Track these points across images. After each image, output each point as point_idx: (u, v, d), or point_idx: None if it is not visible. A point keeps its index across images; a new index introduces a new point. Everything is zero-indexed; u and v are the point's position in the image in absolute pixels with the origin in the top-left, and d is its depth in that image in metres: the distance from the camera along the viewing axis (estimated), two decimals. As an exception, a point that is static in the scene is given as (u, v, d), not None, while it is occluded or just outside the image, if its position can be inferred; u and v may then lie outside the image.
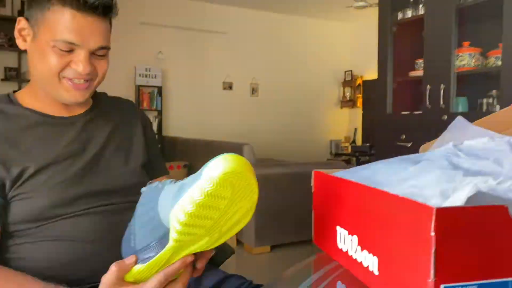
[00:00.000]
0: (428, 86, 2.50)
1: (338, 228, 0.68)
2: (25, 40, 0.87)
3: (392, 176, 0.61)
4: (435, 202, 0.47)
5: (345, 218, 0.65)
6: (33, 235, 0.82)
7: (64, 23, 0.81)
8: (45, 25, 0.83)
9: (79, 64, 0.84)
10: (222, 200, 0.60)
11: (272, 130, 6.14)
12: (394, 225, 0.52)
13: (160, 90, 5.20)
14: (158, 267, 0.64)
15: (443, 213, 0.44)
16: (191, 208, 0.58)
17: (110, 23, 0.91)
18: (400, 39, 2.76)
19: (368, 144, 5.55)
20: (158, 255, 0.62)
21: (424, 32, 2.58)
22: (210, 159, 0.65)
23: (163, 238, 0.62)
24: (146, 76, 5.13)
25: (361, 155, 5.45)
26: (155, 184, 0.69)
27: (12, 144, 0.85)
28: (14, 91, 0.95)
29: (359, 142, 6.35)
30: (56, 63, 0.83)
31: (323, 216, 0.75)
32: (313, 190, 0.78)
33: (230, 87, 5.88)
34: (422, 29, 2.60)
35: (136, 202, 0.92)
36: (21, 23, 0.87)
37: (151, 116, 5.10)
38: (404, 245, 0.50)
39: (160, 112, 5.18)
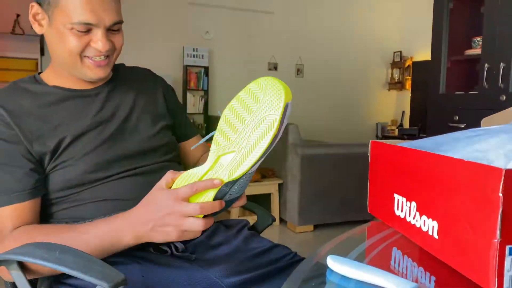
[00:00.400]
0: (486, 65, 2.38)
1: (395, 195, 0.68)
2: (41, 25, 0.89)
3: (455, 143, 0.60)
4: (499, 163, 0.47)
5: (403, 186, 0.66)
6: (76, 199, 0.88)
7: (78, 4, 0.83)
8: (59, 9, 0.84)
9: (98, 43, 0.86)
10: (249, 101, 0.68)
11: (317, 111, 6.09)
12: (457, 189, 0.52)
13: (206, 70, 5.28)
14: (192, 179, 0.72)
15: (511, 174, 0.44)
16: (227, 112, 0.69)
17: None
18: (456, 16, 2.64)
19: (416, 128, 5.39)
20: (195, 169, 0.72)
21: (483, 8, 2.45)
22: None
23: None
24: (193, 56, 5.21)
25: (409, 138, 5.31)
26: None
27: (44, 120, 0.89)
28: (39, 73, 0.99)
29: (406, 125, 6.17)
30: (76, 44, 0.86)
31: (379, 185, 0.76)
32: (369, 160, 0.79)
33: (275, 68, 5.86)
34: (481, 5, 2.47)
35: (167, 161, 0.99)
36: (34, 8, 0.88)
37: (198, 95, 5.20)
38: (467, 207, 0.50)
39: (206, 92, 5.26)
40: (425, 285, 0.53)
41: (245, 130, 0.67)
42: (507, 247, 0.45)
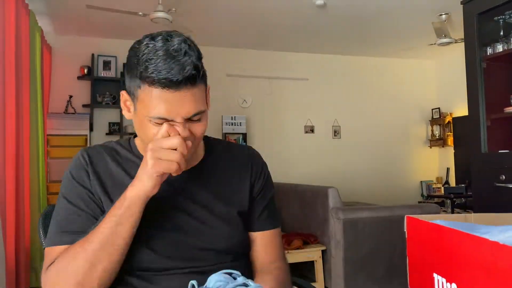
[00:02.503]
0: (528, 122, 2.32)
1: (435, 275, 0.67)
2: (130, 111, 0.92)
3: (492, 228, 0.60)
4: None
5: (442, 265, 0.65)
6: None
7: (154, 101, 0.83)
8: (140, 102, 0.86)
9: None
10: None
11: (357, 172, 6.02)
12: (494, 272, 0.51)
13: (244, 136, 5.43)
14: None
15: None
16: None
17: (205, 82, 0.90)
18: (491, 75, 2.63)
19: (463, 185, 5.18)
20: None
21: (518, 66, 2.43)
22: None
23: None
24: (231, 124, 5.40)
25: (456, 197, 5.10)
26: None
27: (119, 185, 0.92)
28: (134, 136, 1.03)
29: (452, 183, 5.95)
30: (154, 132, 0.86)
31: (418, 263, 0.74)
32: (406, 236, 0.78)
33: (312, 130, 5.94)
34: (515, 63, 2.46)
35: (222, 266, 0.92)
36: (124, 96, 0.92)
37: (237, 162, 5.30)
38: (508, 293, 0.49)
39: (245, 158, 5.36)
40: None
41: None
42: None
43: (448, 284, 0.63)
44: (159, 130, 0.83)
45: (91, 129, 4.92)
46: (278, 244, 1.07)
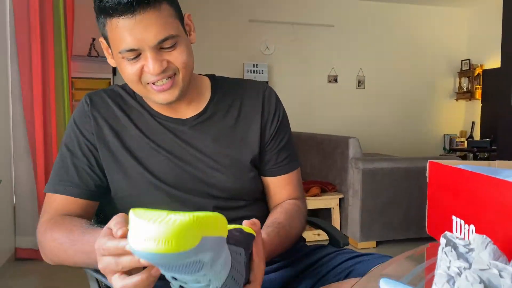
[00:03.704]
0: None
1: (454, 217, 0.68)
2: (112, 58, 0.89)
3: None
4: None
5: (462, 208, 0.65)
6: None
7: (117, 33, 0.80)
8: (110, 40, 0.84)
9: (149, 66, 0.81)
10: None
11: (380, 123, 5.95)
12: (516, 214, 0.51)
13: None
14: None
15: None
16: None
17: (171, 3, 0.84)
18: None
19: (488, 139, 5.08)
20: None
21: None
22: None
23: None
24: (253, 72, 5.34)
25: (479, 151, 5.02)
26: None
27: (123, 137, 0.94)
28: None
29: (477, 137, 5.84)
30: (131, 72, 0.84)
31: (438, 206, 0.75)
32: (427, 180, 0.78)
33: (335, 80, 5.83)
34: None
35: (235, 208, 0.95)
36: (103, 43, 0.90)
37: (258, 110, 5.29)
38: (527, 234, 0.49)
39: (266, 106, 5.35)
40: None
41: None
42: None
43: (467, 225, 0.63)
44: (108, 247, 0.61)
45: (114, 73, 4.94)
46: (295, 185, 1.03)
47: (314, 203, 3.27)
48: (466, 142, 5.77)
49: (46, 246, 0.86)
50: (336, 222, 3.35)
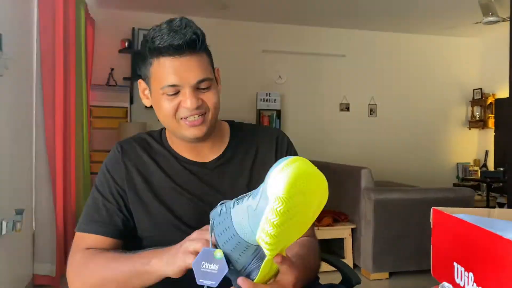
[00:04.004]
0: None
1: (455, 264, 0.72)
2: (148, 98, 1.01)
3: (510, 224, 0.64)
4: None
5: (462, 256, 0.70)
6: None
7: (164, 71, 0.92)
8: (153, 79, 0.95)
9: (186, 101, 0.92)
10: (296, 207, 0.65)
11: (392, 151, 5.96)
12: (507, 266, 0.56)
13: (279, 113, 5.47)
14: (264, 277, 0.74)
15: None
16: (273, 230, 0.65)
17: (209, 55, 0.98)
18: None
19: (501, 169, 5.06)
20: (260, 269, 0.72)
21: None
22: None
23: (258, 253, 0.73)
24: (266, 100, 5.44)
25: (492, 181, 4.99)
26: (218, 209, 0.77)
27: (150, 172, 1.03)
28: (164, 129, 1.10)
29: (490, 166, 5.81)
30: (168, 106, 0.94)
31: (441, 251, 0.80)
32: (432, 226, 0.83)
33: (347, 108, 5.89)
34: None
35: None
36: (141, 84, 1.02)
37: (271, 137, 5.36)
38: (518, 286, 0.54)
39: (279, 134, 5.42)
40: None
41: None
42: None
43: (466, 272, 0.68)
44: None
45: (131, 101, 5.09)
46: None
47: (327, 233, 3.29)
48: (479, 171, 5.74)
49: (84, 272, 0.93)
50: (348, 252, 3.35)
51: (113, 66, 5.07)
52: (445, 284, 0.54)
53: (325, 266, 2.97)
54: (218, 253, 0.73)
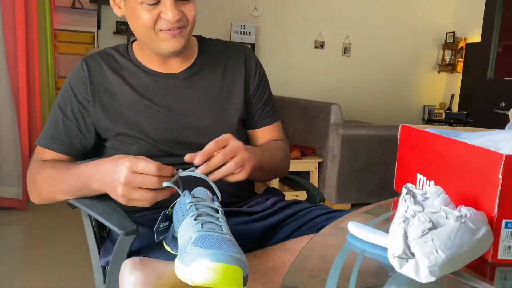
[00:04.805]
0: (538, 52, 2.32)
1: (418, 175, 0.76)
2: (120, 7, 0.97)
3: (473, 133, 0.67)
4: (504, 151, 0.54)
5: (425, 166, 0.74)
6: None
7: None
8: None
9: (168, 13, 0.89)
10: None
11: (362, 91, 6.03)
12: (467, 170, 0.59)
13: (253, 47, 5.35)
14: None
15: (510, 159, 0.51)
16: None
17: None
18: (510, 1, 2.55)
19: (465, 112, 5.24)
20: None
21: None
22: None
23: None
24: (240, 33, 5.29)
25: (455, 122, 5.18)
26: (178, 206, 0.75)
27: (117, 98, 1.01)
28: (133, 41, 1.08)
29: (455, 109, 6.00)
30: (148, 17, 0.90)
31: (405, 165, 0.83)
32: (398, 142, 0.86)
33: (322, 46, 5.83)
34: (539, -12, 2.38)
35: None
36: None
37: (243, 72, 5.29)
38: (474, 187, 0.58)
39: (252, 69, 5.34)
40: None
41: None
42: (503, 221, 0.53)
43: (428, 181, 0.72)
44: (137, 164, 0.76)
45: (98, 27, 4.84)
46: (278, 133, 1.16)
47: (294, 165, 3.37)
48: (444, 113, 5.92)
49: (37, 181, 0.96)
50: (314, 184, 3.47)
51: (79, -13, 4.74)
52: (408, 185, 0.57)
53: (290, 196, 3.05)
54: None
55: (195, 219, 0.67)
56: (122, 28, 4.98)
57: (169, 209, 0.78)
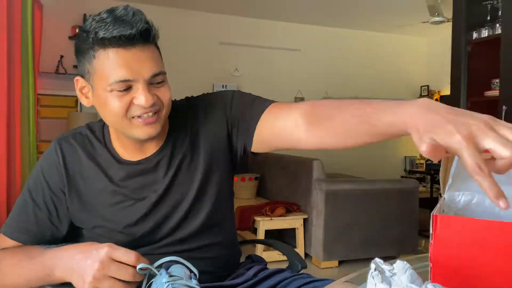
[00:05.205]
0: (504, 107, 2.43)
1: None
2: (87, 97, 0.90)
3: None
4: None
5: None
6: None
7: (112, 64, 0.81)
8: (97, 74, 0.84)
9: (140, 97, 0.83)
10: None
11: (343, 145, 6.13)
12: None
13: (235, 105, 5.48)
14: None
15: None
16: None
17: (158, 48, 0.89)
18: (475, 58, 2.71)
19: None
20: None
21: (501, 52, 2.51)
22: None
23: None
24: (222, 92, 5.43)
25: (436, 173, 5.27)
26: (155, 286, 0.73)
27: (91, 187, 0.96)
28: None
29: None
30: (119, 105, 0.83)
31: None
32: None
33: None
34: (499, 49, 2.53)
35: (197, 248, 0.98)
36: (79, 82, 0.90)
37: (226, 130, 5.37)
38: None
39: (234, 126, 5.43)
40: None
41: None
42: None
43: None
44: (115, 253, 0.74)
45: (81, 90, 4.92)
46: (284, 108, 0.99)
47: (280, 223, 3.36)
48: (425, 164, 6.03)
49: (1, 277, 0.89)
50: (300, 242, 3.44)
51: (63, 53, 4.86)
52: (377, 259, 0.58)
53: (276, 255, 3.01)
54: None
55: None
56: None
57: None
